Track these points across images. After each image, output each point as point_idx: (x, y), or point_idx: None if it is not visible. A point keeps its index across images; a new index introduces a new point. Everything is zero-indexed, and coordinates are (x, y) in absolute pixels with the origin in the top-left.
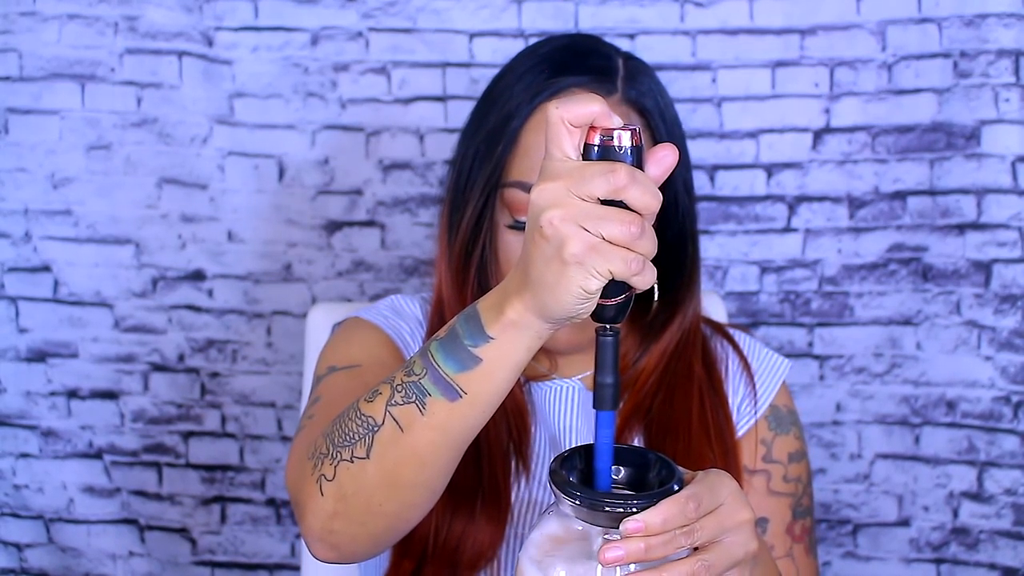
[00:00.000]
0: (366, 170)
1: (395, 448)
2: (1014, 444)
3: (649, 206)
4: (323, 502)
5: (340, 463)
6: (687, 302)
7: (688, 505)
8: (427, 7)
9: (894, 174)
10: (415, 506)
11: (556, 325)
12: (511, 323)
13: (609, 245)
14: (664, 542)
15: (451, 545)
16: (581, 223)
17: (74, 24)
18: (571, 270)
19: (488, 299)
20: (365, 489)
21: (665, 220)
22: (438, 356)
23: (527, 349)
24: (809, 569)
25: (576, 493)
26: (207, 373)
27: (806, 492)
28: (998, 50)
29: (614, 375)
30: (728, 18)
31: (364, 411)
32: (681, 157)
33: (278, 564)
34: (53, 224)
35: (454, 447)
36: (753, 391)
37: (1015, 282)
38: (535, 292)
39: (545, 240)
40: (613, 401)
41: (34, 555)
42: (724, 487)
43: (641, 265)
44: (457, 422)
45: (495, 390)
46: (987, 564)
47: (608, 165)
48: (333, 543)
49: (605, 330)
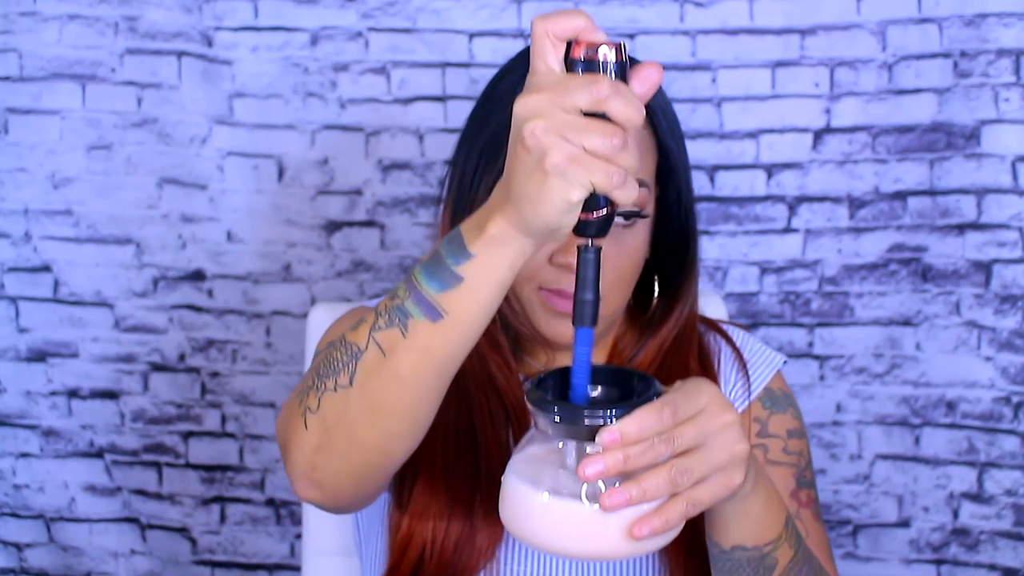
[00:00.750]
0: (366, 170)
1: (378, 373)
2: (1014, 445)
3: (632, 119)
4: (307, 436)
5: (324, 393)
6: (684, 299)
7: (664, 411)
8: (427, 7)
9: (894, 174)
10: (396, 436)
11: (538, 240)
12: (492, 239)
13: (591, 157)
14: (642, 451)
15: (450, 545)
16: (563, 134)
17: (74, 24)
18: (552, 181)
19: (472, 219)
20: (347, 418)
21: (667, 216)
22: (421, 278)
23: (509, 266)
24: (819, 533)
25: (553, 408)
26: (207, 373)
27: (809, 467)
28: (998, 50)
29: (594, 292)
30: (728, 18)
31: (349, 339)
32: (681, 157)
33: (278, 564)
34: (53, 224)
35: (436, 371)
36: (746, 378)
37: (1015, 282)
38: (517, 205)
39: (527, 151)
40: (592, 318)
41: (34, 555)
42: (703, 392)
43: (623, 179)
44: (439, 344)
45: (477, 310)
46: (987, 565)
47: (591, 77)
48: (317, 480)
49: (587, 246)
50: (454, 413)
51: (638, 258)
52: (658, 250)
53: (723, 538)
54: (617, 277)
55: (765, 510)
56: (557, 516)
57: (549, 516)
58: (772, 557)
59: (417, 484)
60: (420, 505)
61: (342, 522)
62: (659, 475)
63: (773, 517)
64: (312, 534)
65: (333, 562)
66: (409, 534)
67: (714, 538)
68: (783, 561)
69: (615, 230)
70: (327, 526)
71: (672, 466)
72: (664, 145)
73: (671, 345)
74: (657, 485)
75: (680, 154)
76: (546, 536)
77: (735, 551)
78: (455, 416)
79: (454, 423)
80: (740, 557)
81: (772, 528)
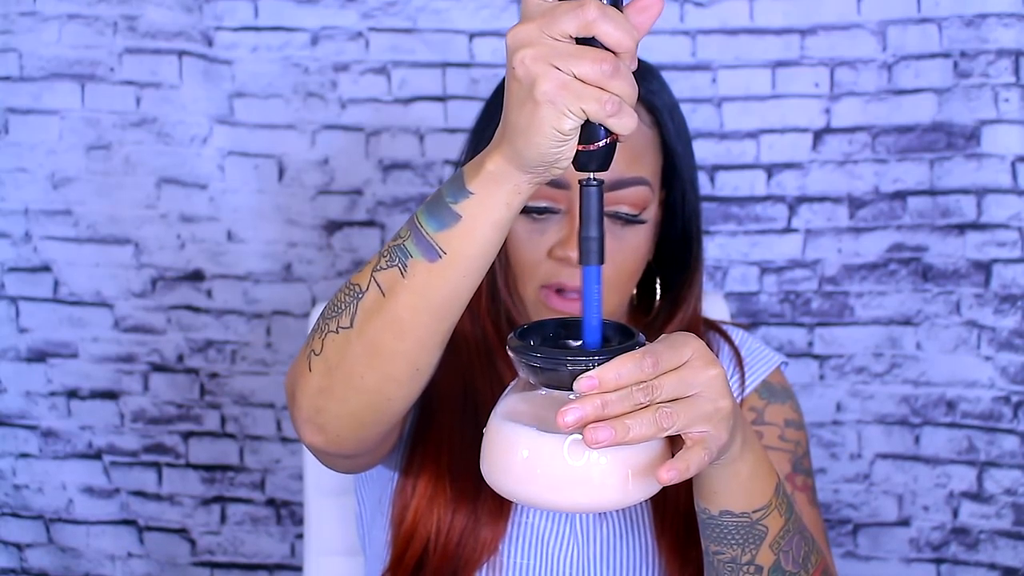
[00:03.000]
0: (366, 170)
1: (377, 314)
2: (1014, 444)
3: (623, 43)
4: (311, 378)
5: (327, 335)
6: (687, 302)
7: (645, 360)
8: (427, 7)
9: (894, 174)
10: (396, 380)
11: (535, 176)
12: (489, 175)
13: (582, 84)
14: (621, 398)
15: (453, 539)
16: (552, 61)
17: (74, 24)
18: (543, 109)
19: (474, 159)
20: (348, 359)
21: (671, 218)
22: (422, 217)
23: (506, 204)
24: (813, 517)
25: (535, 354)
26: (206, 373)
27: (806, 457)
28: (998, 50)
29: (599, 228)
30: (728, 18)
31: (353, 281)
32: (688, 160)
33: (278, 564)
34: (53, 224)
35: (434, 313)
36: (741, 373)
37: (1015, 282)
38: (511, 139)
39: (517, 82)
40: (599, 255)
41: (34, 555)
42: (687, 346)
43: (617, 106)
44: (437, 284)
45: (475, 250)
46: (987, 564)
47: (578, 2)
48: (320, 424)
49: (589, 180)
50: (460, 406)
51: (639, 257)
52: (661, 252)
53: (711, 502)
54: (617, 274)
55: (754, 474)
56: (538, 466)
57: (530, 466)
58: (762, 524)
59: (422, 476)
60: (425, 498)
61: (344, 521)
62: (644, 415)
63: (763, 482)
64: (314, 533)
65: (335, 561)
66: (413, 526)
67: (702, 503)
68: (773, 529)
69: (616, 228)
70: (329, 525)
71: (657, 408)
72: (670, 147)
73: None
74: (641, 424)
75: (687, 157)
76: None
77: (723, 516)
78: (461, 409)
79: (460, 416)
80: (728, 523)
81: (762, 493)
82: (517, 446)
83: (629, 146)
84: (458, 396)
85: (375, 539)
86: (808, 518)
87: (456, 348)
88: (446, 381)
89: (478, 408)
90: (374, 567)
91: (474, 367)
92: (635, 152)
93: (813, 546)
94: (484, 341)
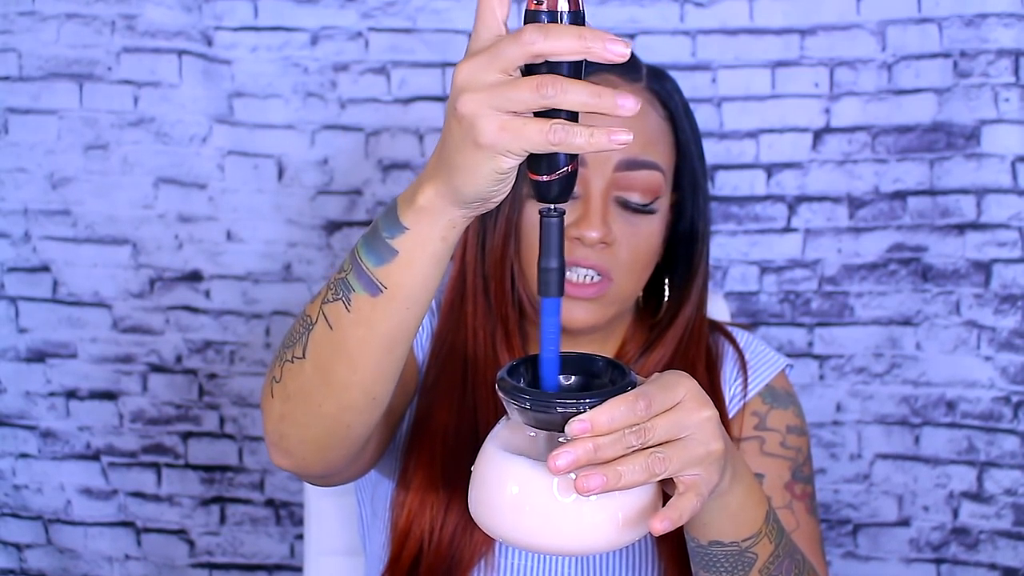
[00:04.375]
0: (366, 170)
1: (327, 346)
2: (1014, 444)
3: (574, 47)
4: (274, 404)
5: (284, 363)
6: (692, 299)
7: (638, 403)
8: (427, 7)
9: (894, 174)
10: (353, 409)
11: (471, 210)
12: (422, 210)
13: (521, 120)
14: (613, 441)
15: (446, 538)
16: (492, 104)
17: (72, 23)
18: (482, 153)
19: (407, 190)
20: (304, 388)
21: (679, 215)
22: (362, 251)
23: (441, 239)
24: (810, 527)
25: (524, 396)
26: (205, 374)
27: (807, 463)
28: (998, 50)
29: (559, 259)
30: (728, 18)
31: (306, 311)
32: (700, 164)
33: (277, 565)
34: (52, 224)
35: (382, 345)
36: (744, 376)
37: (1015, 282)
38: (448, 175)
39: (457, 121)
40: (559, 286)
41: (34, 556)
42: (680, 386)
43: (563, 134)
44: (381, 318)
45: (413, 283)
46: (987, 564)
47: (517, 31)
48: (285, 448)
49: (549, 211)
50: (456, 407)
51: (652, 246)
52: (668, 254)
53: (700, 533)
54: (632, 259)
55: (743, 505)
56: (527, 509)
57: (519, 509)
58: (751, 552)
59: (416, 477)
60: (419, 498)
61: (344, 522)
62: (635, 460)
63: (752, 512)
64: (314, 534)
65: (335, 561)
66: (408, 527)
67: (691, 532)
68: (763, 556)
69: (628, 215)
70: (329, 526)
71: (649, 452)
72: (684, 149)
73: (678, 348)
74: (633, 470)
75: (699, 160)
76: (515, 530)
77: (712, 546)
78: (457, 410)
79: (456, 417)
80: (718, 552)
81: (751, 523)
82: (507, 483)
83: (643, 130)
84: (455, 396)
85: (375, 540)
86: (804, 529)
87: (452, 352)
88: (443, 382)
89: (477, 409)
90: (374, 567)
91: (475, 367)
92: (648, 137)
93: (804, 566)
94: (489, 340)
